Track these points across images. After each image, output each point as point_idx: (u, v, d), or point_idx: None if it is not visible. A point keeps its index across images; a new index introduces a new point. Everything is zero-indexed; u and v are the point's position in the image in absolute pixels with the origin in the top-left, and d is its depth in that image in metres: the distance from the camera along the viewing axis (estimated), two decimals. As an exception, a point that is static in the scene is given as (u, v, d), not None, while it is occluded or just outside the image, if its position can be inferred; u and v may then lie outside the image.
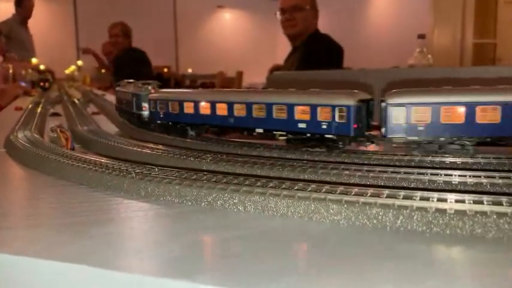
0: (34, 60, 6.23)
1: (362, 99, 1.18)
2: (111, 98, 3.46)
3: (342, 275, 0.59)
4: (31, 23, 7.69)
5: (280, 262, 0.63)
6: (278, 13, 4.65)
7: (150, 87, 1.82)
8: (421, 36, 4.13)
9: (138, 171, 1.02)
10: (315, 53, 4.41)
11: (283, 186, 0.86)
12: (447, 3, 8.16)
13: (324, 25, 4.75)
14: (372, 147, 1.28)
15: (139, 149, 1.35)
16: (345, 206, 0.76)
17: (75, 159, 1.18)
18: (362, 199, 0.77)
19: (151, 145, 1.42)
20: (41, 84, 5.33)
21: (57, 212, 0.91)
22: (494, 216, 0.68)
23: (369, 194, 0.79)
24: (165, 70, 10.53)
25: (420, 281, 0.57)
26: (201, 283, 0.56)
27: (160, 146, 1.40)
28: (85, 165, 1.11)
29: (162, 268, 0.61)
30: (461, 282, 0.57)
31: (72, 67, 8.22)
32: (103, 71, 7.77)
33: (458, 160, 1.09)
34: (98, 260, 0.65)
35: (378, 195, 0.78)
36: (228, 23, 13.70)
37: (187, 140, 1.54)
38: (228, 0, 13.20)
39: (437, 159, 1.11)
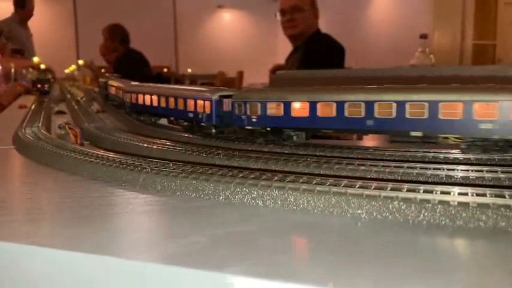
0: (35, 59, 6.20)
1: (223, 94, 1.45)
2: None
3: (367, 268, 0.58)
4: (31, 22, 7.67)
5: (305, 255, 0.63)
6: (278, 14, 4.65)
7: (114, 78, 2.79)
8: (423, 36, 4.13)
9: (153, 166, 1.02)
10: (316, 53, 4.41)
11: (302, 180, 0.86)
12: (447, 4, 8.18)
13: (324, 25, 4.75)
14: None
15: (149, 145, 1.35)
16: (366, 199, 0.76)
17: (87, 155, 1.17)
18: (383, 193, 0.77)
19: (159, 141, 1.42)
20: (39, 86, 4.04)
21: (72, 206, 0.90)
22: (518, 210, 0.68)
23: (389, 188, 0.79)
24: (165, 70, 10.51)
25: (447, 274, 0.56)
26: (229, 273, 0.56)
27: (168, 142, 1.40)
28: (98, 161, 1.11)
29: (188, 259, 0.61)
30: (489, 275, 0.56)
31: (73, 66, 8.19)
32: (103, 70, 7.76)
33: (472, 157, 1.10)
34: (120, 251, 0.65)
35: (399, 189, 0.78)
36: (228, 23, 13.69)
37: (194, 136, 1.56)
38: (228, 0, 13.19)
39: (452, 155, 1.11)
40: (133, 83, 2.24)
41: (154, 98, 1.79)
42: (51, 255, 0.66)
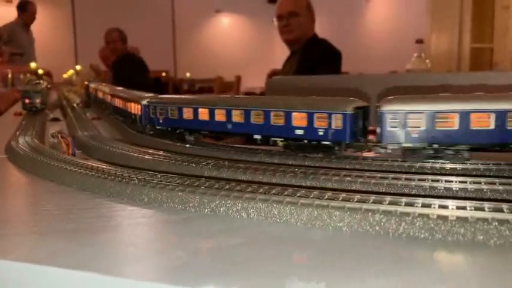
0: (33, 65, 6.21)
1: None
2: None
3: (346, 281, 0.59)
4: (31, 26, 7.71)
5: (285, 269, 0.64)
6: (275, 19, 4.68)
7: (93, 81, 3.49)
8: (419, 41, 4.16)
9: (140, 177, 1.03)
10: (313, 58, 4.42)
11: (286, 193, 0.87)
12: (445, 8, 8.20)
13: (321, 30, 4.77)
14: (372, 153, 1.28)
15: (140, 155, 1.36)
16: (348, 212, 0.77)
17: (77, 165, 1.18)
18: (364, 206, 0.77)
19: (151, 151, 1.43)
20: (27, 101, 2.72)
21: (59, 218, 0.91)
22: (496, 223, 0.69)
23: (371, 201, 0.79)
24: (163, 75, 10.55)
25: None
26: (208, 290, 0.57)
27: (160, 152, 1.40)
28: (87, 172, 1.11)
29: (169, 275, 0.62)
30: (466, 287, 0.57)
31: (71, 71, 8.21)
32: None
33: (459, 166, 1.10)
34: (103, 267, 0.66)
35: (380, 202, 0.79)
36: (226, 27, 13.73)
37: (187, 145, 1.56)
38: (226, 4, 13.23)
39: (438, 165, 1.12)
40: (102, 83, 3.08)
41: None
42: (32, 271, 0.67)
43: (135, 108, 1.81)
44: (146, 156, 1.34)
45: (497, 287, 0.58)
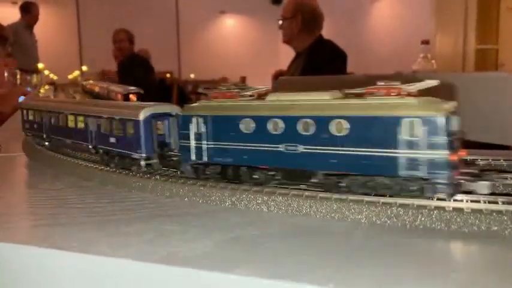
0: (40, 65, 6.24)
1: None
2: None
3: (366, 269, 0.62)
4: (35, 27, 7.75)
5: (308, 257, 0.66)
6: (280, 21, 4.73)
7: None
8: (425, 42, 4.17)
9: (162, 173, 1.06)
10: (319, 59, 4.45)
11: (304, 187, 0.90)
12: (450, 9, 8.21)
13: (326, 31, 4.79)
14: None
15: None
16: (366, 205, 0.79)
17: (97, 162, 1.21)
18: (382, 199, 0.80)
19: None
20: None
21: (85, 211, 0.94)
22: (510, 215, 0.72)
23: (388, 195, 0.82)
24: (168, 76, 10.58)
25: (441, 275, 0.60)
26: (238, 275, 0.60)
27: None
28: (108, 168, 1.15)
29: (200, 262, 0.65)
30: (481, 275, 0.60)
31: (76, 72, 8.26)
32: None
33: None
34: (136, 255, 0.69)
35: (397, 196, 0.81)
36: (230, 28, 13.77)
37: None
38: (231, 5, 13.26)
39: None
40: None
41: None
42: (66, 257, 0.70)
43: None
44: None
45: (511, 273, 0.61)
